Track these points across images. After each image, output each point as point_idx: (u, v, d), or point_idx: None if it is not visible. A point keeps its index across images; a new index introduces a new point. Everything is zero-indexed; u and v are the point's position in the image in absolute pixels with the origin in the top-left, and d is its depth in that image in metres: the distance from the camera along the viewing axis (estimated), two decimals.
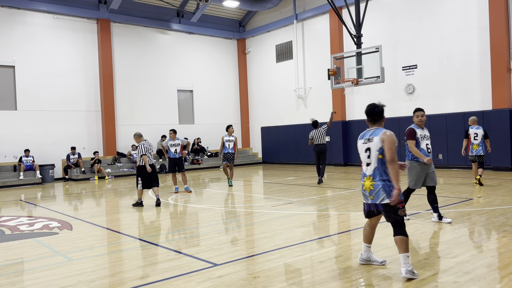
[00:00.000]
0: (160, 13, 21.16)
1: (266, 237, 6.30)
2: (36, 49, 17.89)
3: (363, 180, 4.54)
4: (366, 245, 4.75)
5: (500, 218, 6.90)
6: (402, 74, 17.10)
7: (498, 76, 14.25)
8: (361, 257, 4.79)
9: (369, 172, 4.47)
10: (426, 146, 6.58)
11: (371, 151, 4.45)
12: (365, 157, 4.52)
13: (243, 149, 24.43)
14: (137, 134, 10.29)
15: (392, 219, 4.37)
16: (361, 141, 4.60)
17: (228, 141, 12.92)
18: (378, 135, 4.42)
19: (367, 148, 4.50)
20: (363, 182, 4.53)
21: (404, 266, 4.24)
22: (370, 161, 4.46)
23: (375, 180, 4.40)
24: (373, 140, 4.44)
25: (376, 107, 4.54)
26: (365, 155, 4.52)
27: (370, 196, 4.45)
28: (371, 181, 4.43)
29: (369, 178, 4.45)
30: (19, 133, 17.37)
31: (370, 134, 4.52)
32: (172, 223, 8.07)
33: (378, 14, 17.72)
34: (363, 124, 18.26)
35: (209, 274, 4.65)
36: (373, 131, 4.52)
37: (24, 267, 5.36)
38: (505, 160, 14.17)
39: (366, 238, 4.76)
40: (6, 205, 11.09)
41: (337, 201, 9.46)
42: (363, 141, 4.56)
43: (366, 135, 4.56)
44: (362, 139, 4.59)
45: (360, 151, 4.59)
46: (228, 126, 13.15)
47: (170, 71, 21.67)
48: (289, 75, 21.85)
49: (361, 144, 4.59)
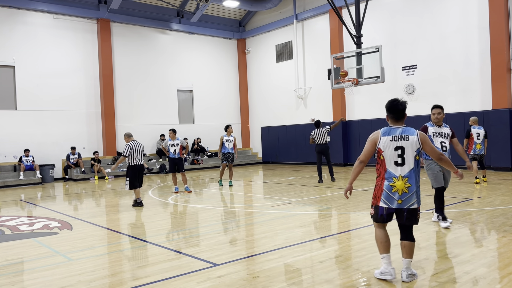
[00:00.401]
0: (160, 13, 21.15)
1: (266, 237, 6.30)
2: (36, 49, 17.88)
3: (391, 181, 4.13)
4: (389, 255, 4.23)
5: (500, 218, 6.90)
6: (402, 74, 17.10)
7: (498, 76, 14.25)
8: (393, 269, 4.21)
9: (404, 173, 4.12)
10: (441, 144, 6.38)
11: (405, 151, 4.14)
12: (395, 155, 4.15)
13: (243, 149, 24.43)
14: (126, 134, 10.28)
15: (413, 223, 4.18)
16: (387, 138, 4.19)
17: (228, 141, 12.93)
18: (414, 134, 4.18)
19: (398, 146, 4.15)
20: (393, 183, 4.12)
21: (406, 271, 4.16)
22: (402, 161, 4.14)
23: (410, 183, 4.11)
24: (409, 139, 4.15)
25: (400, 103, 4.26)
26: (394, 154, 4.16)
27: (399, 200, 4.10)
28: (405, 183, 4.10)
29: (403, 180, 4.11)
30: (19, 133, 17.36)
31: (400, 132, 4.19)
32: (172, 223, 8.06)
33: (378, 14, 17.72)
34: (363, 124, 18.40)
35: (209, 274, 4.64)
36: (403, 129, 4.22)
37: (24, 267, 5.36)
38: (505, 160, 14.17)
39: (387, 246, 4.24)
40: (6, 205, 11.09)
41: (337, 201, 9.46)
42: (390, 138, 4.18)
43: (395, 133, 4.20)
44: (388, 135, 4.20)
45: (386, 149, 4.18)
46: (227, 126, 13.13)
47: (170, 71, 21.67)
48: (289, 75, 21.85)
49: (388, 141, 4.18)
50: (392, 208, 4.15)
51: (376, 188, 4.26)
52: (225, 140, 12.92)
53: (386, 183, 4.16)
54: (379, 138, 4.23)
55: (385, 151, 4.19)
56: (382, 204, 4.17)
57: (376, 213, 4.26)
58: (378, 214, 4.23)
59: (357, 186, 11.86)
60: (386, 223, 4.26)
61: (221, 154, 12.97)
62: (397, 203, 4.11)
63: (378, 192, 4.23)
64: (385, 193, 4.15)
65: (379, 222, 4.27)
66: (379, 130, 4.29)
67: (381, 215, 4.21)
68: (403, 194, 4.10)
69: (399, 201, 4.10)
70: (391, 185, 4.13)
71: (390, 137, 4.19)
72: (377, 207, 4.22)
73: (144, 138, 20.60)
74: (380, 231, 4.28)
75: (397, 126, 4.26)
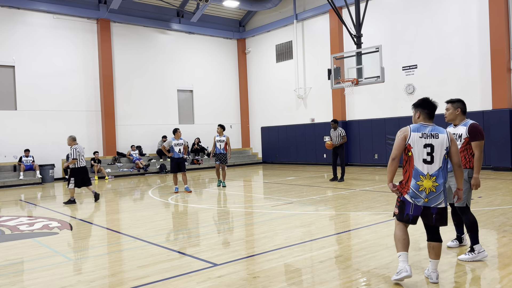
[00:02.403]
0: (160, 13, 21.15)
1: (266, 237, 6.30)
2: (36, 49, 17.88)
3: (419, 179, 4.06)
4: (407, 254, 4.17)
5: (500, 218, 6.90)
6: (402, 74, 17.10)
7: (498, 76, 14.25)
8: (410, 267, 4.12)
9: (432, 172, 4.05)
10: None
11: (435, 149, 4.07)
12: (424, 153, 4.07)
13: (243, 149, 24.43)
14: (71, 137, 11.06)
15: (442, 224, 4.12)
16: (417, 134, 4.11)
17: (219, 141, 12.75)
18: (444, 133, 4.13)
19: (427, 144, 4.08)
20: (420, 182, 4.05)
21: (435, 272, 4.12)
22: (430, 159, 4.07)
23: (438, 182, 4.05)
24: (439, 138, 4.09)
25: (435, 102, 4.23)
26: (423, 151, 4.07)
27: (425, 198, 4.05)
28: (434, 181, 4.04)
29: (431, 178, 4.04)
30: (19, 133, 17.36)
31: (430, 130, 4.12)
32: (172, 223, 8.06)
33: (378, 14, 17.72)
34: (363, 124, 18.40)
35: (209, 274, 4.65)
36: (433, 127, 4.15)
37: (24, 267, 5.36)
38: (505, 160, 14.17)
39: (406, 244, 4.18)
40: (6, 205, 11.09)
41: (337, 201, 9.46)
42: (420, 134, 4.11)
43: (425, 130, 4.12)
44: (418, 132, 4.12)
45: (416, 145, 4.09)
46: (218, 125, 13.00)
47: (170, 71, 21.67)
48: (289, 75, 21.85)
49: (418, 137, 4.10)
50: (419, 207, 4.08)
51: (403, 184, 4.19)
52: (217, 141, 12.78)
53: (413, 182, 4.10)
54: (409, 134, 4.14)
55: (414, 147, 4.11)
56: (409, 200, 4.11)
57: (401, 212, 4.18)
58: (404, 213, 4.15)
59: (357, 186, 11.87)
60: (409, 224, 4.20)
61: (214, 155, 12.87)
62: (424, 201, 4.06)
63: (404, 188, 4.16)
64: (412, 191, 4.10)
65: (402, 221, 4.20)
66: (408, 126, 4.21)
67: (406, 214, 4.13)
68: (430, 193, 4.05)
69: (425, 200, 4.05)
70: (419, 183, 4.07)
71: (420, 134, 4.12)
72: (403, 204, 4.15)
73: (144, 138, 20.64)
74: (401, 230, 4.22)
75: (427, 124, 4.18)
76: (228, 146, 12.84)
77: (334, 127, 13.10)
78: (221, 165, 12.93)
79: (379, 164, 17.75)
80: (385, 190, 10.65)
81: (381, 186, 11.59)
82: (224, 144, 12.75)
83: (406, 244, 4.16)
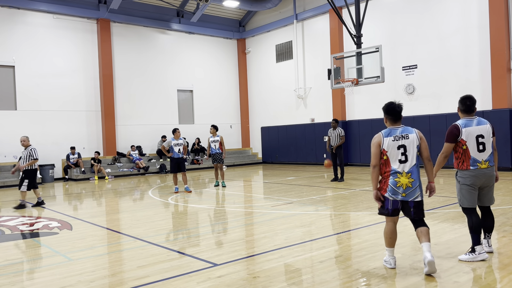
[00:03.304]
0: (160, 13, 21.15)
1: (266, 237, 6.30)
2: (36, 49, 17.88)
3: (396, 177, 4.45)
4: (393, 249, 4.61)
5: (500, 218, 6.90)
6: (402, 74, 17.10)
7: (498, 76, 14.25)
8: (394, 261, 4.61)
9: (407, 169, 4.43)
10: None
11: (407, 148, 4.46)
12: (398, 154, 4.46)
13: (243, 149, 24.44)
14: (27, 138, 10.79)
15: (420, 216, 4.47)
16: (389, 138, 4.50)
17: (214, 141, 12.96)
18: (413, 132, 4.52)
19: (400, 145, 4.47)
20: (398, 178, 4.44)
21: (429, 251, 4.30)
22: (405, 158, 4.45)
23: (413, 178, 4.43)
24: (409, 137, 4.48)
25: (397, 106, 4.60)
26: (397, 152, 4.47)
27: (403, 193, 4.43)
28: (409, 178, 4.43)
29: (407, 175, 4.43)
30: (19, 133, 17.25)
31: (401, 132, 4.53)
32: (172, 223, 8.07)
33: (378, 14, 17.72)
34: (363, 124, 18.40)
35: (209, 274, 4.65)
36: (402, 128, 4.56)
37: (24, 267, 5.36)
38: (505, 160, 14.18)
39: (393, 241, 4.59)
40: (6, 205, 11.09)
41: (337, 201, 9.46)
42: (392, 138, 4.50)
43: (396, 132, 4.52)
44: (389, 136, 4.51)
45: (390, 149, 4.48)
46: (211, 126, 13.16)
47: (170, 71, 21.67)
48: (289, 75, 21.85)
49: (390, 141, 4.49)
50: (397, 201, 4.45)
51: (382, 183, 4.56)
52: (211, 141, 12.98)
53: (391, 179, 4.47)
54: (382, 140, 4.52)
55: (388, 151, 4.49)
56: (388, 197, 4.49)
57: (382, 207, 4.58)
58: (385, 207, 4.54)
59: (357, 186, 11.87)
60: (392, 217, 4.54)
61: (210, 156, 13.12)
62: (401, 196, 4.43)
63: (384, 186, 4.52)
64: (390, 188, 4.47)
65: (385, 215, 4.57)
66: (380, 133, 4.58)
67: (386, 209, 4.52)
68: (407, 188, 4.43)
69: (403, 194, 4.43)
70: (396, 180, 4.45)
71: (392, 138, 4.50)
72: (389, 202, 4.50)
73: (144, 138, 20.64)
74: (389, 226, 4.58)
75: (396, 126, 4.58)
76: (222, 145, 12.98)
77: (334, 127, 13.10)
78: (218, 165, 13.09)
79: None
80: None
81: None
82: (219, 144, 12.92)
83: (392, 241, 4.59)
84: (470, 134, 4.73)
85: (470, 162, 4.75)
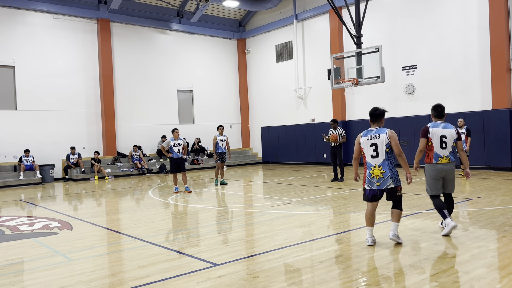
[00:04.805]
0: (160, 13, 21.15)
1: (266, 237, 6.30)
2: (36, 49, 17.88)
3: (370, 169, 5.46)
4: (371, 228, 5.54)
5: (500, 218, 6.90)
6: (402, 74, 17.10)
7: (498, 76, 14.25)
8: (372, 239, 5.51)
9: (378, 163, 5.41)
10: None
11: (378, 146, 5.40)
12: (371, 150, 5.45)
13: (243, 149, 24.44)
14: None
15: (394, 198, 5.47)
16: (365, 138, 5.51)
17: (221, 140, 13.34)
18: (384, 133, 5.41)
19: (373, 143, 5.44)
20: (371, 171, 5.44)
21: (392, 231, 5.43)
22: (376, 154, 5.41)
23: (384, 169, 5.37)
24: (380, 137, 5.40)
25: (377, 110, 5.56)
26: (370, 149, 5.45)
27: (377, 183, 5.40)
28: (380, 170, 5.39)
29: (378, 168, 5.40)
30: (19, 133, 17.36)
31: (374, 132, 5.47)
32: (172, 223, 8.07)
33: (378, 14, 17.72)
34: (364, 123, 18.39)
35: (209, 274, 4.65)
36: (376, 129, 5.50)
37: (24, 267, 5.36)
38: (505, 160, 14.17)
39: (371, 222, 5.54)
40: (6, 205, 11.09)
41: (337, 201, 9.46)
42: (367, 137, 5.50)
43: (370, 133, 5.50)
44: (366, 136, 5.52)
45: (365, 146, 5.50)
46: (218, 126, 13.52)
47: (170, 71, 21.67)
48: (289, 75, 21.85)
49: (365, 140, 5.50)
50: (374, 190, 5.45)
51: (363, 176, 5.66)
52: (219, 140, 13.32)
53: (367, 172, 5.52)
54: (360, 139, 5.59)
55: (364, 147, 5.53)
56: (366, 187, 5.53)
57: (364, 194, 5.65)
58: (364, 195, 5.62)
59: (357, 186, 11.87)
60: (371, 202, 5.54)
61: (216, 154, 13.32)
62: (376, 185, 5.43)
63: (364, 178, 5.61)
64: (367, 179, 5.52)
65: (366, 201, 5.62)
66: (360, 133, 5.64)
67: (367, 196, 5.57)
68: (379, 178, 5.41)
69: (377, 184, 5.42)
70: (370, 172, 5.48)
71: (367, 137, 5.52)
72: (364, 189, 5.60)
73: (144, 138, 20.64)
74: (368, 209, 5.57)
75: (373, 128, 5.57)
76: (228, 145, 13.52)
77: (333, 127, 13.09)
78: (221, 164, 13.44)
79: None
80: None
81: None
82: (225, 143, 13.38)
83: (371, 222, 5.54)
84: (435, 133, 5.89)
85: (434, 156, 5.88)
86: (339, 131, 12.99)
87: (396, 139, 5.37)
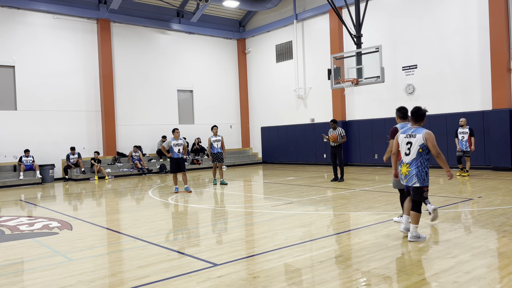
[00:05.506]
0: (160, 13, 21.15)
1: (266, 237, 6.30)
2: (36, 49, 17.88)
3: (400, 166, 5.71)
4: (408, 216, 5.75)
5: (500, 218, 6.90)
6: (402, 74, 17.10)
7: (498, 76, 14.24)
8: (404, 227, 5.80)
9: (407, 161, 5.56)
10: None
11: (412, 145, 5.51)
12: (406, 148, 5.59)
13: (243, 149, 24.44)
14: None
15: (417, 198, 5.55)
16: (403, 135, 5.66)
17: (216, 141, 13.36)
18: (421, 133, 5.48)
19: (408, 141, 5.56)
20: (400, 168, 5.69)
21: (411, 233, 5.59)
22: (409, 152, 5.53)
23: (411, 168, 5.53)
24: (416, 137, 5.50)
25: (420, 110, 5.58)
26: (405, 147, 5.59)
27: (404, 179, 5.62)
28: (407, 168, 5.56)
29: (406, 165, 5.58)
30: (19, 133, 17.36)
31: (412, 131, 5.57)
32: (172, 223, 8.07)
33: (378, 14, 17.72)
34: (364, 123, 18.41)
35: (209, 274, 4.65)
36: (415, 129, 5.58)
37: (24, 267, 5.36)
38: (505, 160, 14.17)
39: (407, 210, 5.77)
40: (6, 205, 11.09)
41: (337, 201, 9.46)
42: (405, 135, 5.63)
43: (409, 131, 5.61)
44: (404, 133, 5.66)
45: (401, 143, 5.67)
46: (212, 126, 13.59)
47: (170, 71, 21.67)
48: (289, 75, 21.85)
49: (403, 137, 5.65)
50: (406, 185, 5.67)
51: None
52: (213, 141, 13.33)
53: (399, 168, 5.78)
54: (399, 135, 5.73)
55: (400, 145, 5.70)
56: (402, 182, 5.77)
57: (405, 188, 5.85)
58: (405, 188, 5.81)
59: (357, 186, 11.88)
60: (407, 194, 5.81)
61: (212, 155, 13.37)
62: (404, 181, 5.67)
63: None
64: (399, 176, 5.78)
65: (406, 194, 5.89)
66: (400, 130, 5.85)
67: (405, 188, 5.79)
68: (405, 175, 5.62)
69: (405, 180, 5.64)
70: (400, 169, 5.73)
71: (405, 135, 5.64)
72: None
73: (144, 138, 20.64)
74: (407, 199, 5.83)
75: (412, 126, 5.63)
76: (223, 145, 13.54)
77: (333, 127, 13.06)
78: (218, 164, 13.44)
79: (379, 164, 17.75)
80: (385, 190, 10.66)
81: (381, 186, 11.59)
82: (220, 143, 13.39)
83: (407, 210, 5.77)
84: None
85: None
86: (339, 131, 12.99)
87: (432, 140, 5.41)
